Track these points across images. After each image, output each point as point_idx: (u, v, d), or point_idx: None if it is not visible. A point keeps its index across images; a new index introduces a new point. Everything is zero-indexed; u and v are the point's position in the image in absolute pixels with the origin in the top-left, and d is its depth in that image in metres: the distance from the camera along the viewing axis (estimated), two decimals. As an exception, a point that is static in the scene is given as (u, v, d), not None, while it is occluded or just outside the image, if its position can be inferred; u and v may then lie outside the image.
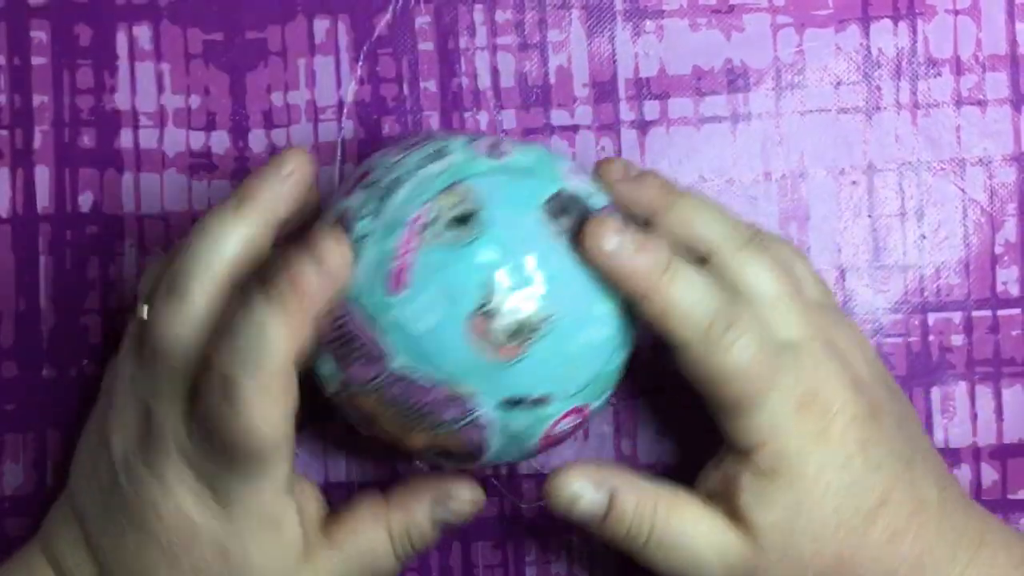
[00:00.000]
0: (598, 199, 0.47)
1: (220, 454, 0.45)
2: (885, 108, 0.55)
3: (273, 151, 0.56)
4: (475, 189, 0.46)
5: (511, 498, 0.56)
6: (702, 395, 0.47)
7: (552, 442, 0.48)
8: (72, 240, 0.56)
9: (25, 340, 0.56)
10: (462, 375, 0.45)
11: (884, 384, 0.50)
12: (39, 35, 0.56)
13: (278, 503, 0.47)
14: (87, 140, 0.56)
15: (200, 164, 0.56)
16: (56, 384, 0.56)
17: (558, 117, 0.56)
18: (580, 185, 0.47)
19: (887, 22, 0.55)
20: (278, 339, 0.44)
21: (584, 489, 0.48)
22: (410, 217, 0.45)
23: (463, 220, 0.45)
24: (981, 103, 0.55)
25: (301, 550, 0.48)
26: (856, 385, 0.48)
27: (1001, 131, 0.55)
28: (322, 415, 0.56)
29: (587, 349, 0.46)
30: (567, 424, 0.48)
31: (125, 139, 0.56)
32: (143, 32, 0.56)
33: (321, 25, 0.56)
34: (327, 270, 0.44)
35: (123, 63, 0.56)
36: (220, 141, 0.56)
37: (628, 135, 0.56)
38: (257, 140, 0.56)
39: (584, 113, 0.56)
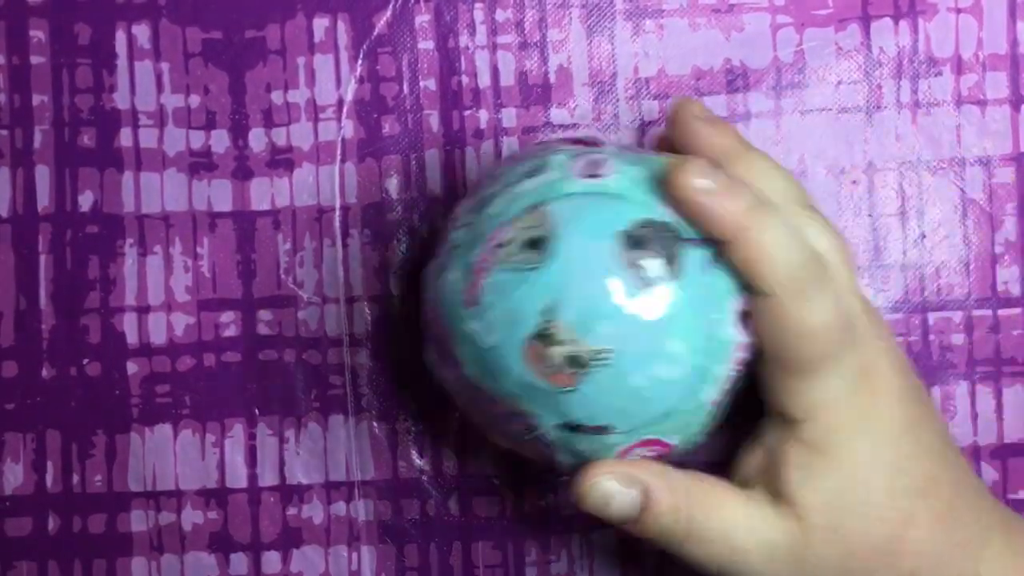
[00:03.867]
0: (695, 228, 0.45)
1: None
2: (885, 107, 0.55)
3: (273, 150, 0.56)
4: (554, 213, 0.45)
5: (512, 498, 0.56)
6: (766, 353, 0.46)
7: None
8: (72, 240, 0.56)
9: (25, 340, 0.56)
10: (520, 395, 0.46)
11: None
12: (38, 34, 0.56)
13: None
14: (87, 139, 0.56)
15: (200, 163, 0.56)
16: (56, 384, 0.56)
17: (558, 116, 0.56)
18: (673, 213, 0.45)
19: (887, 21, 0.55)
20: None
21: (614, 488, 0.47)
22: (490, 235, 0.46)
23: (535, 244, 0.45)
24: (981, 103, 0.55)
25: None
26: (904, 365, 0.48)
27: (1001, 131, 0.55)
28: (324, 409, 0.56)
29: (653, 386, 0.45)
30: (642, 452, 0.47)
31: (125, 138, 0.56)
32: (142, 31, 0.56)
33: (321, 24, 0.56)
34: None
35: (122, 62, 0.56)
36: (220, 140, 0.56)
37: (628, 135, 0.56)
38: (257, 139, 0.56)
39: (584, 113, 0.56)
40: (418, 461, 0.56)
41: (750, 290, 0.45)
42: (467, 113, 0.56)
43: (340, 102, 0.56)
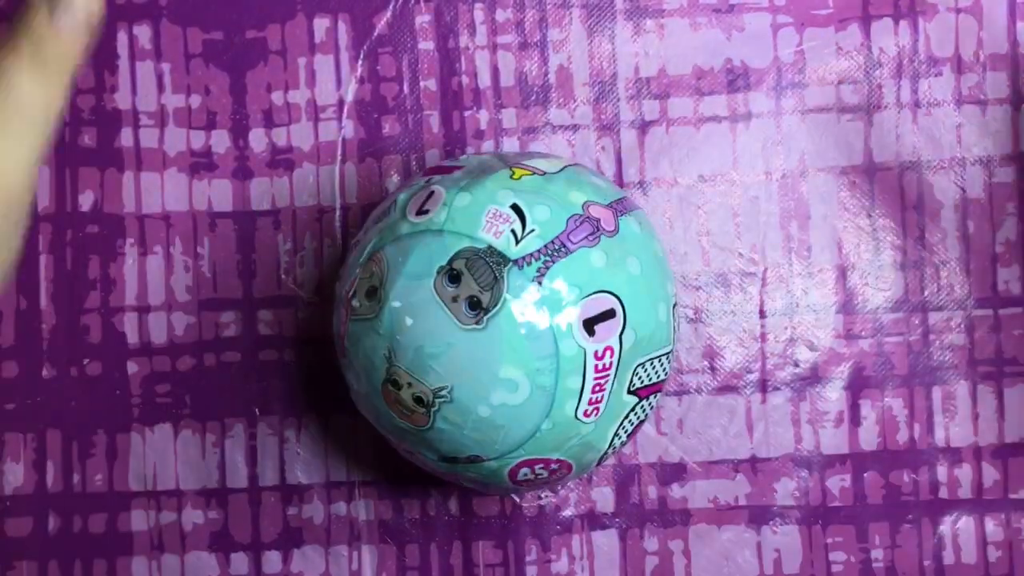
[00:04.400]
0: (526, 243, 0.45)
1: None
2: (886, 107, 0.55)
3: (274, 150, 0.56)
4: (385, 259, 0.46)
5: (512, 497, 0.56)
6: None
7: (532, 485, 0.48)
8: (73, 239, 0.56)
9: (26, 339, 0.56)
10: (396, 435, 0.47)
11: None
12: (40, 35, 0.56)
13: None
14: (88, 139, 0.56)
15: (200, 163, 0.56)
16: (57, 384, 0.56)
17: (558, 116, 0.56)
18: (498, 234, 0.45)
19: (888, 21, 0.55)
20: None
21: None
22: (345, 288, 0.47)
23: (371, 294, 0.46)
24: (981, 102, 0.55)
25: None
26: None
27: (1001, 130, 0.55)
28: (324, 409, 0.56)
29: (501, 413, 0.45)
30: (530, 473, 0.47)
31: (125, 138, 0.56)
32: (143, 31, 0.56)
33: (321, 24, 0.56)
34: None
35: (123, 62, 0.56)
36: (220, 140, 0.56)
37: (628, 135, 0.56)
38: (257, 139, 0.56)
39: (584, 112, 0.56)
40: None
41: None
42: (467, 113, 0.56)
43: (340, 102, 0.56)
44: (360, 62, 0.56)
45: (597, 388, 0.45)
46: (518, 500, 0.55)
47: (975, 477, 0.55)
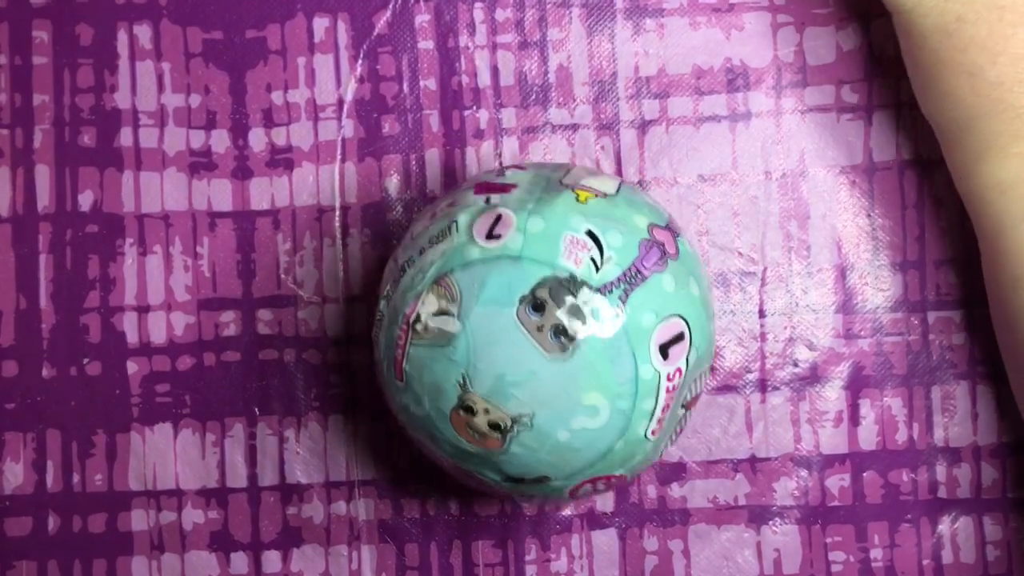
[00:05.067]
0: (606, 270, 0.45)
1: None
2: (886, 106, 0.55)
3: (273, 149, 0.56)
4: (456, 285, 0.45)
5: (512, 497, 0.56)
6: None
7: (587, 496, 0.49)
8: (72, 239, 0.56)
9: (25, 339, 0.56)
10: (460, 458, 0.47)
11: None
12: (40, 35, 0.56)
13: None
14: (87, 139, 0.56)
15: (200, 163, 0.56)
16: (56, 383, 0.56)
17: (558, 116, 0.56)
18: (578, 262, 0.45)
19: (887, 20, 0.55)
20: None
21: None
22: (405, 311, 0.46)
23: (448, 313, 0.45)
24: (981, 102, 0.55)
25: None
26: None
27: (1001, 130, 0.55)
28: (324, 409, 0.56)
29: (579, 437, 0.45)
30: (591, 489, 0.48)
31: (125, 138, 0.56)
32: (143, 31, 0.56)
33: (321, 23, 0.56)
34: None
35: (123, 62, 0.56)
36: (220, 140, 0.56)
37: (628, 134, 0.56)
38: (257, 139, 0.56)
39: (584, 112, 0.56)
40: (418, 460, 0.56)
41: None
42: (467, 113, 0.56)
43: (340, 102, 0.56)
44: (360, 61, 0.56)
45: (665, 408, 0.46)
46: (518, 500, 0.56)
47: (974, 477, 0.55)
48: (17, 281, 0.56)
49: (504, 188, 0.47)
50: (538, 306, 0.44)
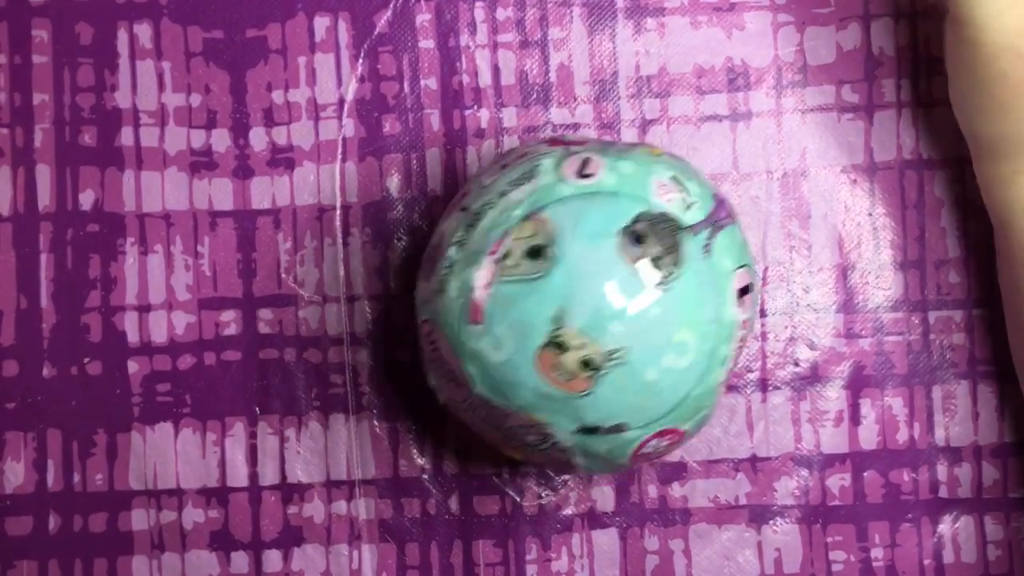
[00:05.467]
0: (692, 213, 0.46)
1: None
2: (886, 106, 0.55)
3: (274, 149, 0.56)
4: (551, 220, 0.45)
5: (512, 496, 0.56)
6: None
7: (645, 459, 0.48)
8: (73, 238, 0.56)
9: (26, 338, 0.56)
10: (534, 406, 0.46)
11: None
12: (40, 34, 0.56)
13: None
14: (88, 138, 0.56)
15: (201, 162, 0.56)
16: (57, 383, 0.56)
17: (559, 115, 0.56)
18: (670, 201, 0.46)
19: (888, 20, 0.55)
20: None
21: None
22: (488, 249, 0.46)
23: (536, 254, 0.45)
24: (982, 101, 0.55)
25: None
26: None
27: (1002, 129, 0.55)
28: (325, 408, 0.56)
29: (665, 378, 0.45)
30: (656, 445, 0.47)
31: (126, 137, 0.56)
32: (144, 30, 0.56)
33: (321, 23, 0.56)
34: None
35: (124, 61, 0.56)
36: (221, 139, 0.56)
37: (628, 133, 0.56)
38: (258, 138, 0.56)
39: (585, 111, 0.56)
40: (419, 460, 0.56)
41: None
42: (468, 112, 0.56)
43: (341, 101, 0.56)
44: (360, 61, 0.56)
45: (735, 359, 0.47)
46: (518, 499, 0.56)
47: (975, 476, 0.55)
48: (18, 281, 0.56)
49: (578, 142, 0.48)
50: (636, 240, 0.45)
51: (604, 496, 0.55)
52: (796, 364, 0.55)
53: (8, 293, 0.56)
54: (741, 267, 0.47)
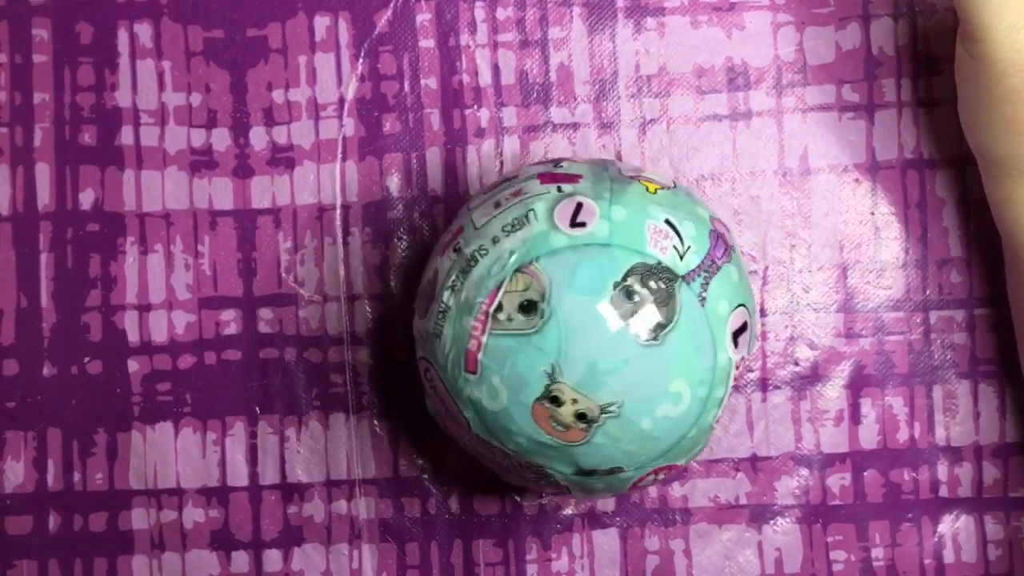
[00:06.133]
0: (687, 259, 0.46)
1: None
2: (887, 105, 0.55)
3: (274, 148, 0.56)
4: (543, 273, 0.45)
5: (512, 496, 0.56)
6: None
7: (643, 489, 0.49)
8: (73, 238, 0.56)
9: (26, 338, 0.56)
10: (531, 451, 0.46)
11: None
12: (40, 33, 0.56)
13: None
14: (88, 137, 0.56)
15: (201, 161, 0.56)
16: (57, 382, 0.56)
17: (559, 115, 0.56)
18: (663, 250, 0.46)
19: (887, 20, 0.55)
20: None
21: None
22: (482, 299, 0.45)
23: (529, 308, 0.45)
24: (983, 101, 0.55)
25: None
26: None
27: (1003, 129, 0.55)
28: (325, 407, 0.56)
29: (660, 426, 0.45)
30: (653, 479, 0.48)
31: (126, 136, 0.56)
32: (144, 30, 0.56)
33: (322, 22, 0.56)
34: None
35: (124, 60, 0.56)
36: (221, 138, 0.56)
37: (628, 133, 0.56)
38: (258, 137, 0.56)
39: (585, 111, 0.56)
40: (419, 459, 0.56)
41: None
42: (468, 111, 0.56)
43: (341, 100, 0.56)
44: (361, 60, 0.56)
45: (729, 396, 0.47)
46: (519, 499, 0.55)
47: (975, 476, 0.55)
48: (18, 280, 0.56)
49: (571, 178, 0.47)
50: (629, 294, 0.45)
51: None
52: (796, 364, 0.55)
53: (8, 292, 0.56)
54: (737, 307, 0.47)
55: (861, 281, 0.55)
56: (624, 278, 0.45)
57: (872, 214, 0.55)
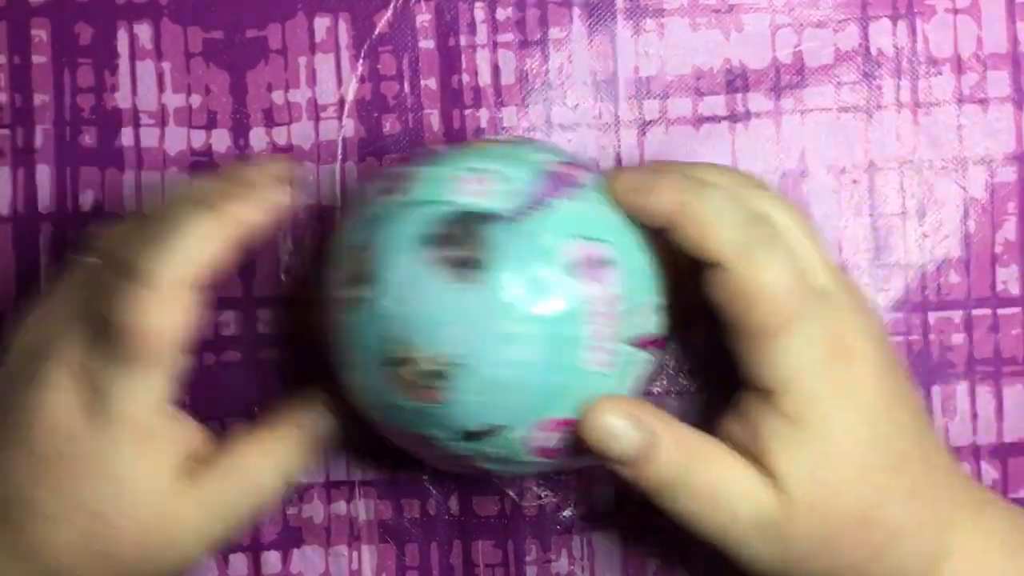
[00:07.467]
0: (507, 200, 0.46)
1: (104, 344, 0.45)
2: (886, 107, 0.56)
3: (274, 149, 0.56)
4: (359, 244, 0.46)
5: (511, 496, 0.56)
6: (730, 325, 0.46)
7: (555, 454, 0.48)
8: (74, 239, 0.56)
9: (25, 338, 0.56)
10: (413, 423, 0.46)
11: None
12: (39, 34, 0.56)
13: (154, 415, 0.46)
14: (88, 139, 0.56)
15: (201, 163, 0.56)
16: (56, 383, 0.56)
17: (558, 115, 0.56)
18: (479, 194, 0.46)
19: (886, 22, 0.56)
20: (198, 244, 0.45)
21: (622, 428, 0.46)
22: (326, 287, 0.47)
23: (356, 281, 0.46)
24: (983, 102, 0.55)
25: (175, 468, 0.47)
26: (880, 337, 0.48)
27: (1003, 130, 0.55)
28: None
29: (506, 371, 0.45)
30: (556, 437, 0.47)
31: (126, 138, 0.56)
32: (144, 31, 0.56)
33: (322, 23, 0.56)
34: (262, 205, 0.46)
35: (124, 62, 0.56)
36: (221, 140, 0.56)
37: (628, 134, 0.56)
38: (258, 138, 0.56)
39: (584, 111, 0.56)
40: (418, 460, 0.56)
41: (705, 264, 0.45)
42: (468, 112, 0.56)
43: (341, 101, 0.56)
44: (361, 61, 0.56)
45: (599, 336, 0.46)
46: (518, 500, 0.55)
47: (974, 476, 0.55)
48: (18, 281, 0.56)
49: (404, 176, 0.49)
50: (440, 241, 0.45)
51: (605, 497, 0.55)
52: (796, 364, 0.55)
53: (8, 294, 0.56)
54: (584, 240, 0.46)
55: (860, 282, 0.55)
56: (433, 229, 0.45)
57: (871, 216, 0.56)
